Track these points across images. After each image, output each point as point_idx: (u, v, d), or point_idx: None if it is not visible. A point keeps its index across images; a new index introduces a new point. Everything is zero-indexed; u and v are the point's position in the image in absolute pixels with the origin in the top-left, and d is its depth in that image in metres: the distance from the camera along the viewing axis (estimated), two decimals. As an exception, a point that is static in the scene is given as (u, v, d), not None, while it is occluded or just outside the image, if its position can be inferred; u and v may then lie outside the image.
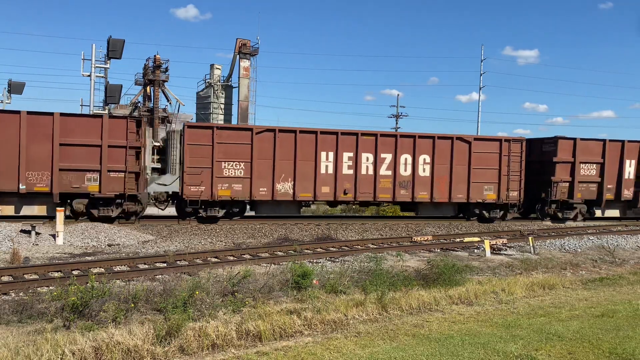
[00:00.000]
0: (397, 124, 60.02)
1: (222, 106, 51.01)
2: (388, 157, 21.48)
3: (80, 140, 17.98)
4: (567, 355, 7.20)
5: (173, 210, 21.83)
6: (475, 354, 7.17)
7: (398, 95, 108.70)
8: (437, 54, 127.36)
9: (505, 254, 15.75)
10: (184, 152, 19.69)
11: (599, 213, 24.89)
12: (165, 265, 12.52)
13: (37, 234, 15.89)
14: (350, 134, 21.20)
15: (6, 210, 17.74)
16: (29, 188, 17.56)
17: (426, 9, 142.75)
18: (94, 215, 18.50)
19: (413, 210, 23.23)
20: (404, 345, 7.55)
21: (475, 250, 16.11)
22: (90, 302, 8.02)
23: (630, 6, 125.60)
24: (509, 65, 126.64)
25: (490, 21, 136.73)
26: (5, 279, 10.67)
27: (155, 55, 44.41)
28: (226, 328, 7.58)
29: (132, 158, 18.55)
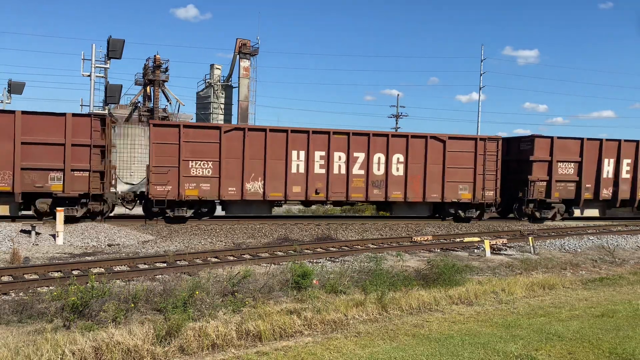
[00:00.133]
0: (397, 124, 60.05)
1: (222, 106, 51.01)
2: (361, 156, 21.25)
3: (43, 139, 17.67)
4: (567, 355, 7.21)
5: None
6: (475, 354, 7.17)
7: (398, 95, 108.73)
8: (437, 54, 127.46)
9: (505, 254, 15.75)
10: (150, 151, 19.37)
11: (577, 213, 24.61)
12: (165, 265, 12.53)
13: (37, 234, 15.90)
14: (322, 133, 20.93)
15: None
16: None
17: (426, 9, 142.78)
18: None
19: (387, 210, 22.96)
20: (404, 345, 7.55)
21: (475, 250, 16.11)
22: (90, 302, 8.03)
23: (630, 6, 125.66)
24: (509, 65, 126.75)
25: (490, 21, 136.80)
26: (5, 279, 10.68)
27: (155, 55, 44.35)
28: (226, 328, 7.58)
29: (97, 157, 18.27)
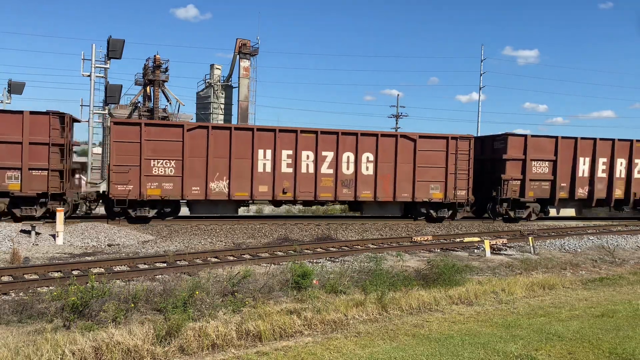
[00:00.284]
0: (397, 124, 60.07)
1: (222, 106, 51.02)
2: (330, 155, 21.04)
3: (0, 137, 17.42)
4: (567, 355, 7.20)
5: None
6: (475, 354, 7.17)
7: (398, 95, 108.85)
8: (437, 54, 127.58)
9: (505, 254, 15.75)
10: (111, 150, 19.00)
11: (553, 212, 24.37)
12: (165, 265, 12.52)
13: (37, 234, 15.90)
14: (289, 132, 20.73)
15: None
16: None
17: (426, 9, 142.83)
18: (17, 215, 17.94)
19: (358, 210, 22.69)
20: (404, 345, 7.55)
21: (475, 250, 16.11)
22: (90, 302, 8.03)
23: (630, 6, 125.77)
24: (509, 65, 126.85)
25: (490, 21, 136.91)
26: (5, 279, 10.68)
27: (155, 55, 44.37)
28: (226, 328, 7.58)
29: (56, 155, 18.01)
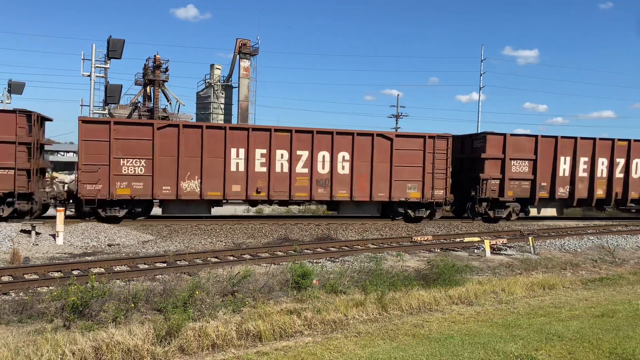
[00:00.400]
0: (397, 124, 60.07)
1: (222, 106, 51.07)
2: (305, 154, 20.64)
3: None
4: (567, 355, 7.20)
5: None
6: (475, 354, 7.17)
7: (398, 95, 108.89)
8: (437, 54, 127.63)
9: (505, 254, 15.75)
10: (79, 149, 18.63)
11: (534, 212, 24.03)
12: (165, 265, 12.52)
13: (37, 234, 15.90)
14: (263, 130, 20.36)
15: None
16: None
17: (426, 9, 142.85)
18: None
19: (335, 210, 22.36)
20: (404, 345, 7.55)
21: (475, 250, 16.11)
22: (90, 302, 8.03)
23: (630, 6, 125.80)
24: (509, 65, 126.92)
25: (490, 21, 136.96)
26: (5, 279, 10.68)
27: (155, 55, 44.40)
28: (226, 328, 7.58)
29: (23, 154, 17.78)
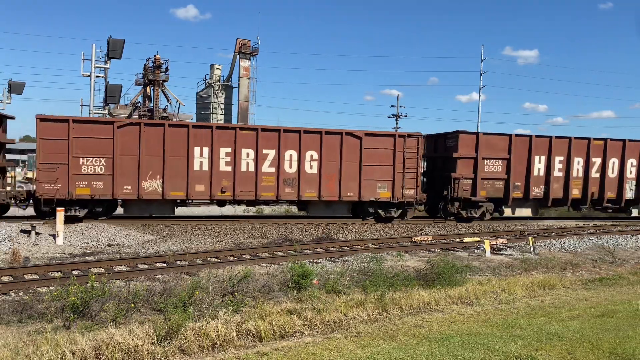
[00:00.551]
0: (397, 124, 60.12)
1: (222, 106, 51.06)
2: (271, 153, 20.32)
3: None
4: (567, 355, 7.20)
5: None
6: (475, 354, 7.17)
7: (398, 95, 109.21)
8: (437, 54, 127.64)
9: (505, 254, 15.75)
10: (37, 147, 18.30)
11: (508, 212, 23.70)
12: (165, 265, 12.52)
13: (37, 234, 15.90)
14: (228, 129, 20.28)
15: None
16: None
17: (426, 9, 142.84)
18: None
19: (304, 210, 22.13)
20: (404, 345, 7.55)
21: (475, 250, 16.11)
22: (90, 302, 8.03)
23: (630, 6, 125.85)
24: (509, 65, 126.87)
25: (490, 21, 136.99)
26: (5, 279, 10.68)
27: (155, 55, 44.45)
28: (226, 328, 7.58)
29: None
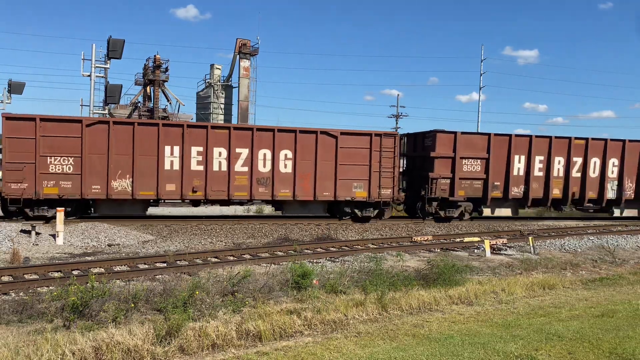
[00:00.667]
0: (397, 124, 60.10)
1: (222, 106, 51.05)
2: (244, 152, 20.07)
3: None
4: (567, 355, 7.20)
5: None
6: (475, 354, 7.17)
7: (398, 95, 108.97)
8: (437, 54, 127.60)
9: (505, 254, 15.75)
10: (3, 146, 18.12)
11: (487, 212, 23.46)
12: (165, 265, 12.52)
13: (37, 234, 15.90)
14: (199, 127, 20.09)
15: None
16: None
17: (426, 9, 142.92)
18: None
19: (280, 209, 21.91)
20: (404, 345, 7.55)
21: (475, 250, 16.11)
22: (90, 302, 8.03)
23: (630, 6, 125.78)
24: (509, 65, 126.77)
25: (490, 21, 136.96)
26: (5, 279, 10.67)
27: (155, 55, 44.40)
28: (226, 328, 7.58)
29: None
